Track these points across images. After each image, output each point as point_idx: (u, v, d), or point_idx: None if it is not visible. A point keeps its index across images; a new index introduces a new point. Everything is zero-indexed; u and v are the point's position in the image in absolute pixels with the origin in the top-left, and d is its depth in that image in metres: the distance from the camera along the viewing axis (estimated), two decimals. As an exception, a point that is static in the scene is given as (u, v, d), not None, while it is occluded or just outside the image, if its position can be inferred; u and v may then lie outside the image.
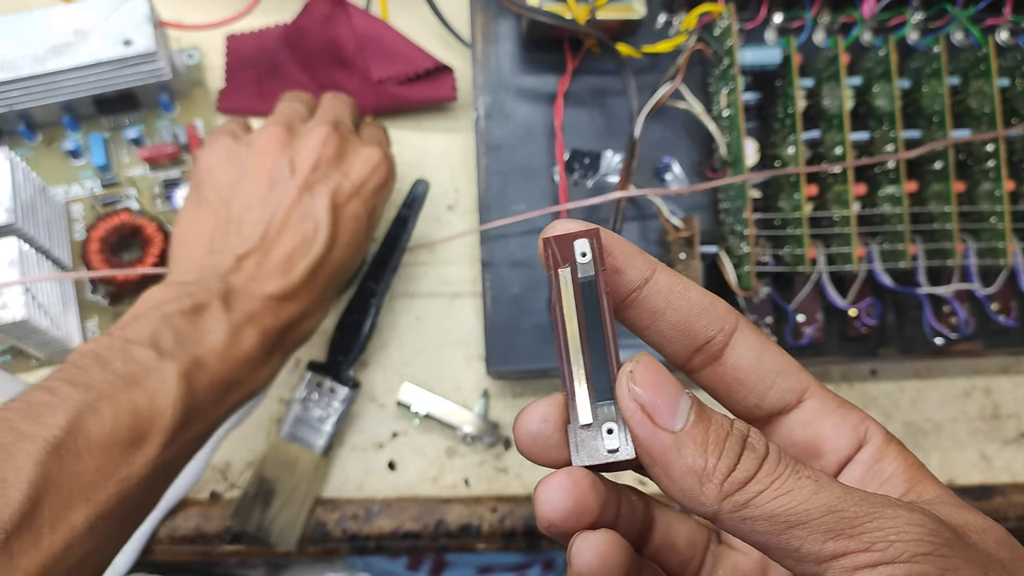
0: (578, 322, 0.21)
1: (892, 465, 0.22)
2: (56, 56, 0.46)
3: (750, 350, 0.23)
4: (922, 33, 0.48)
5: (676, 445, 0.19)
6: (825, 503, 0.19)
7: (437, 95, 0.51)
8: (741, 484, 0.19)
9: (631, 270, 0.22)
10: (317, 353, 0.48)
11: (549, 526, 0.21)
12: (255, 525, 0.45)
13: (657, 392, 0.20)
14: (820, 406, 0.23)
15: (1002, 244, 0.44)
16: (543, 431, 0.22)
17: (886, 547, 0.18)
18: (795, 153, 0.44)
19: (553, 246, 0.22)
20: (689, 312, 0.22)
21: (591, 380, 0.21)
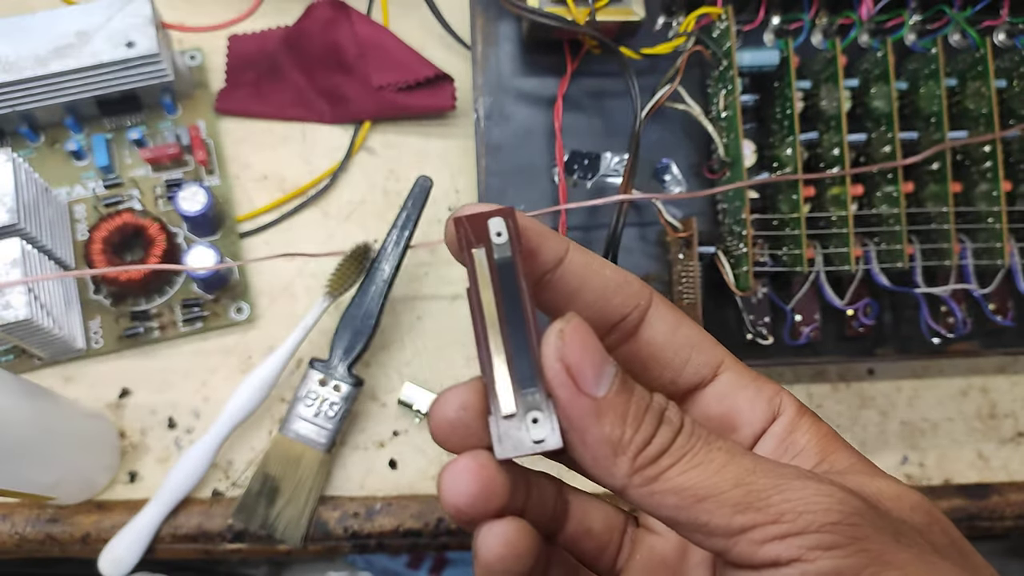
0: (496, 305, 0.20)
1: (805, 437, 0.22)
2: (59, 57, 0.47)
3: (664, 325, 0.23)
4: (919, 35, 0.48)
5: (596, 412, 0.19)
6: (734, 476, 0.18)
7: (436, 104, 0.51)
8: (653, 458, 0.19)
9: (545, 250, 0.21)
10: (320, 352, 0.49)
11: (456, 513, 0.20)
12: (259, 522, 0.45)
13: (584, 354, 0.19)
14: (735, 379, 0.23)
15: (999, 244, 0.44)
16: (462, 419, 0.21)
17: (794, 518, 0.18)
18: (793, 154, 0.44)
19: (466, 227, 0.21)
20: (604, 290, 0.22)
21: (513, 366, 0.20)
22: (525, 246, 0.21)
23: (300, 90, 0.52)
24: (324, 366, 0.47)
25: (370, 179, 0.53)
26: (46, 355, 0.48)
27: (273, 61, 0.52)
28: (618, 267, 0.22)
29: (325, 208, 0.52)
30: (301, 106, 0.53)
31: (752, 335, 0.46)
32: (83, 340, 0.48)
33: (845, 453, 0.22)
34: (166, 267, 0.47)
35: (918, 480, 0.52)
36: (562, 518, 0.24)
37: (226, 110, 0.52)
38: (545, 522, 0.24)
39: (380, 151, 0.53)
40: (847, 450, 0.22)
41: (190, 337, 0.49)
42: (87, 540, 0.46)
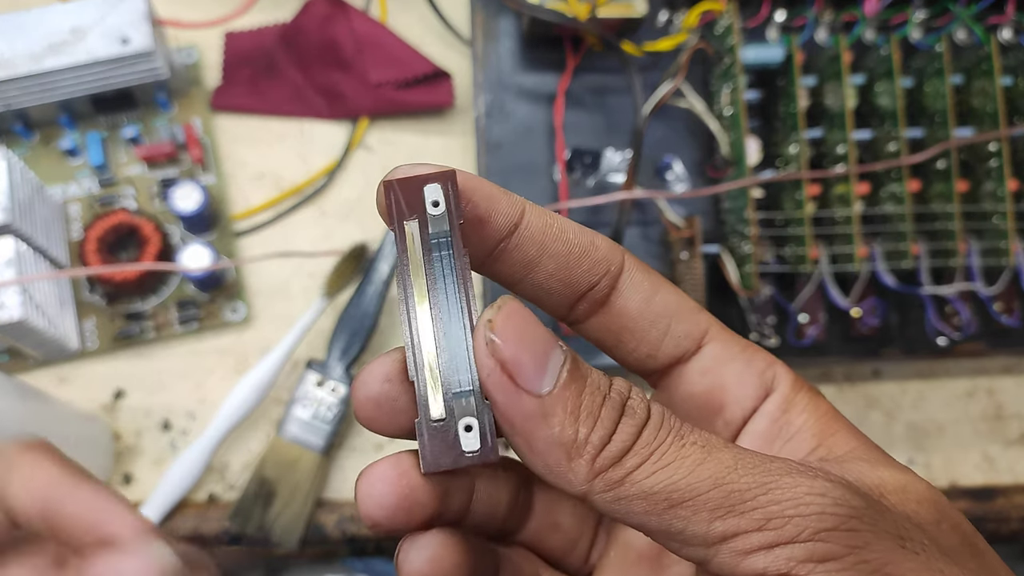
0: (428, 290, 0.17)
1: (801, 417, 0.20)
2: (53, 55, 0.46)
3: (639, 293, 0.20)
4: (925, 31, 0.48)
5: (542, 412, 0.16)
6: (712, 475, 0.16)
7: (434, 101, 0.50)
8: (616, 458, 0.16)
9: (496, 216, 0.18)
10: (317, 352, 0.48)
11: (374, 525, 0.18)
12: (256, 526, 0.45)
13: (522, 346, 0.16)
14: (721, 351, 0.20)
15: (1005, 244, 0.44)
16: (387, 393, 0.18)
17: (783, 524, 0.15)
18: (798, 152, 0.43)
19: (397, 192, 0.17)
20: (568, 256, 0.19)
21: (445, 363, 0.17)
22: (473, 212, 0.18)
23: (297, 87, 0.52)
24: (321, 367, 0.46)
25: (368, 177, 0.52)
26: (40, 356, 0.47)
27: (270, 58, 0.52)
28: (583, 227, 0.20)
29: (322, 207, 0.51)
30: (298, 103, 0.52)
31: (757, 336, 0.45)
32: (77, 340, 0.48)
33: (845, 435, 0.20)
34: (161, 267, 0.46)
35: (923, 482, 0.51)
36: (524, 513, 0.22)
37: (222, 107, 0.52)
38: (499, 520, 0.21)
39: (378, 148, 0.52)
40: (848, 431, 0.20)
41: (185, 338, 0.49)
42: (81, 544, 0.45)
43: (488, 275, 0.19)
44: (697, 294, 0.43)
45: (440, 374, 0.17)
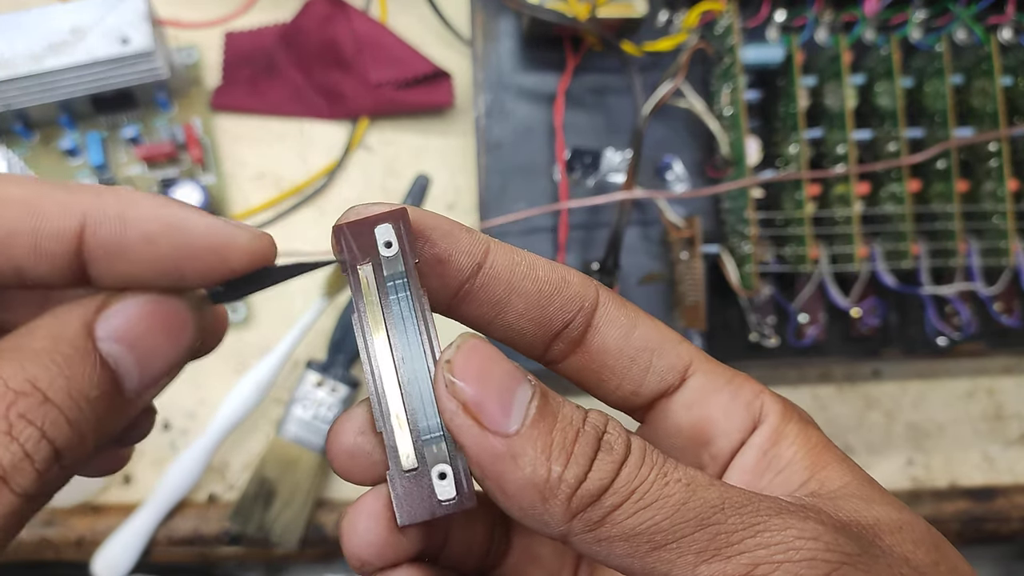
0: (388, 336, 0.17)
1: (791, 449, 0.19)
2: (53, 55, 0.46)
3: (616, 328, 0.19)
4: (925, 31, 0.48)
5: (510, 452, 0.15)
6: (697, 515, 0.15)
7: (434, 100, 0.50)
8: (594, 497, 0.15)
9: (458, 255, 0.17)
10: (317, 352, 0.48)
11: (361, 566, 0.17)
12: (256, 526, 0.45)
13: (484, 385, 0.15)
14: (706, 383, 0.19)
15: (1005, 244, 0.44)
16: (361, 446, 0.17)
17: (771, 571, 0.14)
18: (798, 152, 0.43)
19: (348, 237, 0.17)
20: (538, 295, 0.18)
21: (412, 411, 0.16)
22: (431, 253, 0.17)
23: (297, 87, 0.52)
24: (321, 367, 0.46)
25: (368, 177, 0.52)
26: (39, 356, 0.47)
27: (270, 58, 0.52)
28: (553, 263, 0.19)
29: (322, 207, 0.51)
30: (298, 103, 0.52)
31: (757, 336, 0.45)
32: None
33: (838, 468, 0.19)
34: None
35: (923, 482, 0.51)
36: (502, 548, 0.21)
37: (222, 107, 0.52)
38: (476, 558, 0.20)
39: (378, 148, 0.52)
40: (841, 464, 0.19)
41: (186, 338, 0.49)
42: (81, 543, 0.45)
43: (456, 318, 0.18)
44: (697, 294, 0.43)
45: (407, 422, 0.16)
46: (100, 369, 0.14)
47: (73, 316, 0.15)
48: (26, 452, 0.13)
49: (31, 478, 0.14)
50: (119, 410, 0.15)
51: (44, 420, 0.14)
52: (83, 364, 0.14)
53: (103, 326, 0.15)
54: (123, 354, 0.15)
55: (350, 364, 0.46)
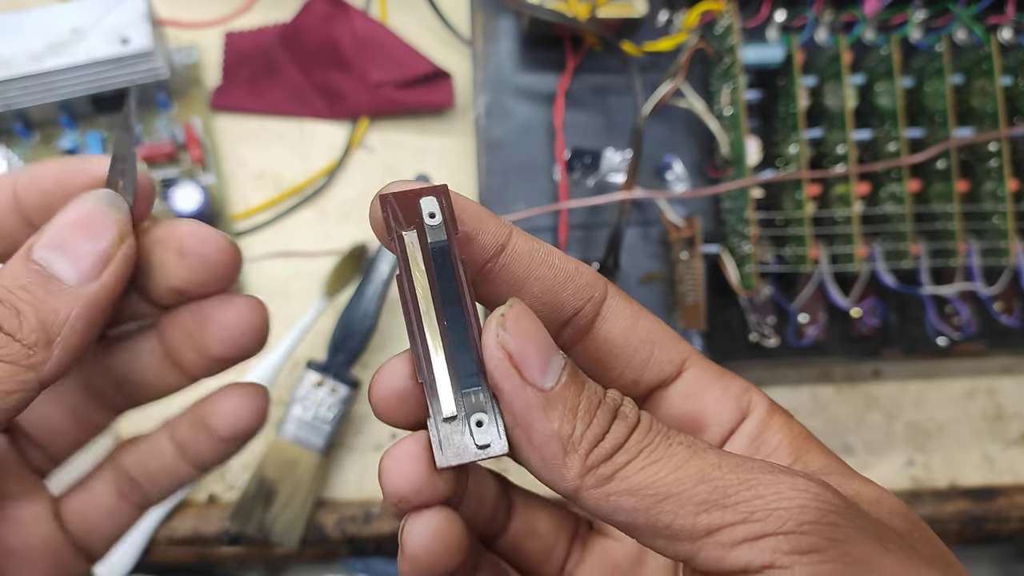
0: (432, 295, 0.18)
1: (776, 436, 0.21)
2: (53, 55, 0.46)
3: (622, 319, 0.21)
4: (925, 31, 0.48)
5: (543, 405, 0.17)
6: (698, 471, 0.17)
7: (434, 100, 0.50)
8: (607, 455, 0.17)
9: (484, 235, 0.19)
10: (316, 352, 0.48)
11: (399, 501, 0.18)
12: (256, 526, 0.45)
13: (528, 342, 0.17)
14: (700, 376, 0.21)
15: (1005, 244, 0.44)
16: (411, 390, 0.19)
17: (766, 516, 0.16)
18: (797, 152, 0.43)
19: (394, 206, 0.18)
20: (553, 280, 0.20)
21: (452, 362, 0.18)
22: (461, 231, 0.19)
23: (297, 87, 0.52)
24: (321, 367, 0.46)
25: (368, 177, 0.52)
26: (39, 356, 0.47)
27: (270, 58, 0.52)
28: (567, 255, 0.20)
29: (322, 207, 0.51)
30: (298, 103, 0.52)
31: (756, 336, 0.45)
32: (77, 341, 0.48)
33: (819, 453, 0.20)
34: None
35: (924, 482, 0.51)
36: (504, 518, 0.23)
37: (222, 107, 0.52)
38: (484, 520, 0.22)
39: (378, 149, 0.52)
40: (820, 450, 0.21)
41: (186, 338, 0.49)
42: (80, 544, 0.45)
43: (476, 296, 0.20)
44: (697, 294, 0.43)
45: (448, 373, 0.18)
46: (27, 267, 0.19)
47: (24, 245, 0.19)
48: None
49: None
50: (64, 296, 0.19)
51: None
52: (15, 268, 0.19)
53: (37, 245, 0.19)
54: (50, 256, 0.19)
55: (350, 364, 0.46)
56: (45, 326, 0.18)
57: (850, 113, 0.43)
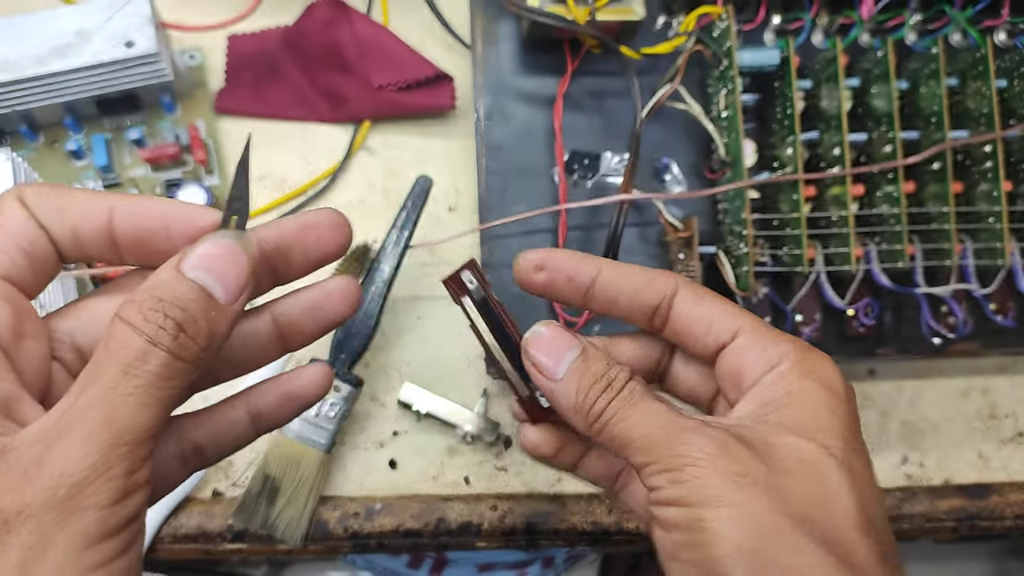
0: (490, 329, 0.29)
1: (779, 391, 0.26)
2: (58, 57, 0.47)
3: (687, 305, 0.28)
4: (920, 34, 0.48)
5: (559, 391, 0.27)
6: (644, 430, 0.25)
7: (436, 103, 0.51)
8: (598, 416, 0.26)
9: (580, 275, 0.28)
10: (320, 351, 0.49)
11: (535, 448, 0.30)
12: (260, 522, 0.45)
13: (545, 353, 0.27)
14: (747, 342, 0.27)
15: (1000, 244, 0.44)
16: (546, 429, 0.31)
17: (669, 460, 0.24)
18: (793, 154, 0.44)
19: (451, 284, 0.29)
20: (635, 292, 0.28)
21: (516, 367, 0.29)
22: (561, 275, 0.28)
23: (300, 90, 0.52)
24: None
25: (370, 179, 0.53)
26: (45, 355, 0.48)
27: (273, 61, 0.52)
28: (645, 269, 0.28)
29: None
30: (301, 106, 0.52)
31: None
32: (82, 340, 0.48)
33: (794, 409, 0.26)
34: (166, 267, 0.47)
35: (919, 480, 0.52)
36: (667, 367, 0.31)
37: (225, 110, 0.52)
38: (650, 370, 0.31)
39: (380, 151, 0.53)
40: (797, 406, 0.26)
41: (190, 337, 0.49)
42: (87, 540, 0.46)
43: (589, 308, 0.29)
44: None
45: (516, 372, 0.29)
46: (190, 285, 0.22)
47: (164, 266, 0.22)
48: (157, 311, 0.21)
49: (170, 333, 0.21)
50: (221, 312, 0.22)
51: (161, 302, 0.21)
52: (179, 285, 0.22)
53: (184, 263, 0.22)
54: (202, 276, 0.22)
55: (353, 363, 0.47)
56: (212, 335, 0.22)
57: (845, 115, 0.43)
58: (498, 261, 0.46)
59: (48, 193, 0.23)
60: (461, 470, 0.49)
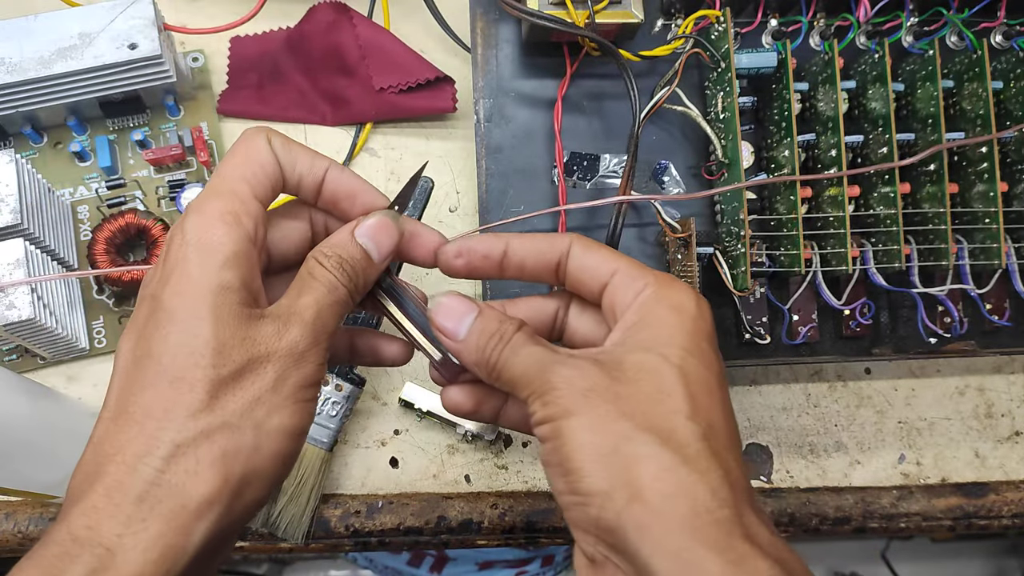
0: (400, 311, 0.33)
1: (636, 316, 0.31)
2: (62, 59, 0.47)
3: (578, 257, 0.32)
4: (916, 37, 0.48)
5: (463, 349, 0.31)
6: (527, 367, 0.30)
7: (437, 106, 0.51)
8: (494, 364, 0.30)
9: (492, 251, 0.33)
10: (320, 352, 0.49)
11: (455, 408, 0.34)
12: (262, 520, 0.46)
13: (447, 318, 0.31)
14: (621, 280, 0.31)
15: (995, 245, 0.45)
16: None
17: (540, 388, 0.29)
18: (790, 156, 0.44)
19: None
20: (539, 254, 0.33)
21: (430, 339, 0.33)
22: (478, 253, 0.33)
23: (302, 92, 0.52)
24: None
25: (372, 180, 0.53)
26: (49, 355, 0.48)
27: (275, 63, 0.53)
28: (546, 234, 0.33)
29: (326, 209, 0.52)
30: (303, 108, 0.53)
31: (750, 334, 0.46)
32: (86, 340, 0.49)
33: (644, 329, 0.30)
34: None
35: (915, 479, 0.52)
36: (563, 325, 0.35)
37: (228, 112, 0.53)
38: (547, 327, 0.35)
39: (381, 152, 0.53)
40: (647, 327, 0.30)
41: (192, 337, 0.50)
42: (90, 538, 0.46)
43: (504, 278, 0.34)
44: (692, 294, 0.44)
45: (430, 342, 0.33)
46: (358, 247, 0.31)
47: (344, 230, 0.32)
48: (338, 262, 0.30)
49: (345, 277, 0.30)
50: (373, 267, 0.32)
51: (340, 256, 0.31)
52: (352, 246, 0.31)
53: (358, 231, 0.31)
54: (367, 241, 0.31)
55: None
56: (366, 282, 0.32)
57: (842, 117, 0.44)
58: (498, 261, 0.46)
59: (286, 142, 0.31)
60: (461, 468, 0.50)
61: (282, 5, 0.54)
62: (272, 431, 0.28)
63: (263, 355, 0.28)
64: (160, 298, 0.27)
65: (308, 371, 0.29)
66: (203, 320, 0.27)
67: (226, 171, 0.30)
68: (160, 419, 0.26)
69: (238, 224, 0.28)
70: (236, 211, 0.29)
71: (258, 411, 0.27)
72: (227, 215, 0.28)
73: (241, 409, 0.27)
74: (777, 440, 0.51)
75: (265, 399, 0.27)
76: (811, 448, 0.51)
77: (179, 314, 0.27)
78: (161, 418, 0.26)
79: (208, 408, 0.26)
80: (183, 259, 0.28)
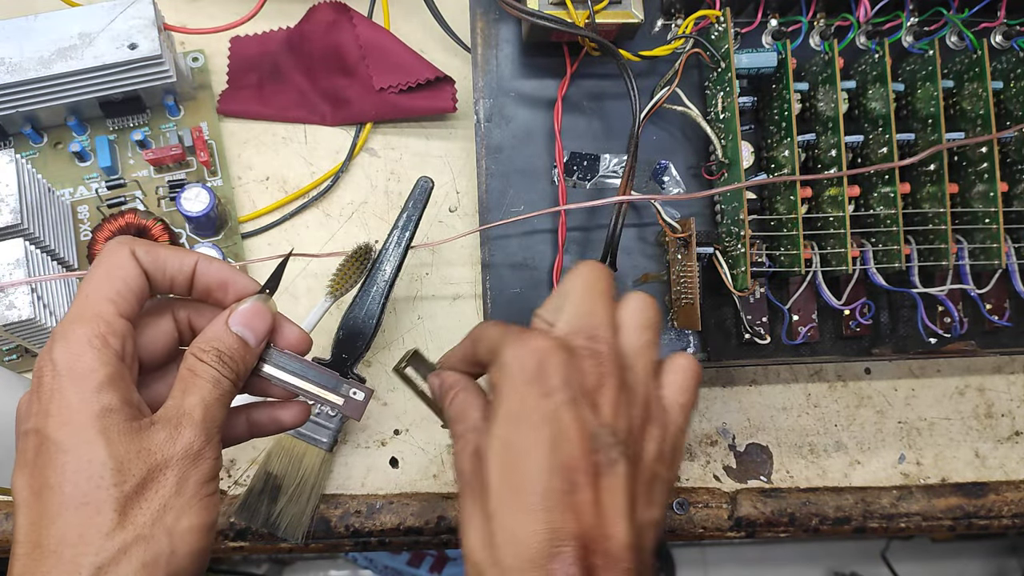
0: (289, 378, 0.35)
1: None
2: (62, 59, 0.47)
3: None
4: (917, 37, 0.49)
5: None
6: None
7: (437, 106, 0.51)
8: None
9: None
10: (322, 352, 0.49)
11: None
12: (262, 520, 0.46)
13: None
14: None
15: (995, 245, 0.45)
16: None
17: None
18: (790, 156, 0.44)
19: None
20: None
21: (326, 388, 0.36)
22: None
23: (302, 92, 0.52)
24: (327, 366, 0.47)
25: (371, 180, 0.53)
26: (50, 355, 0.48)
27: (275, 63, 0.53)
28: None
29: (327, 209, 0.52)
30: (303, 108, 0.53)
31: (750, 334, 0.46)
32: (86, 340, 0.48)
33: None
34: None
35: (916, 479, 0.52)
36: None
37: (228, 112, 0.53)
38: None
39: (381, 152, 0.53)
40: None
41: (192, 337, 0.50)
42: (91, 538, 0.46)
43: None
44: (692, 294, 0.44)
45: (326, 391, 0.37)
46: (235, 337, 0.32)
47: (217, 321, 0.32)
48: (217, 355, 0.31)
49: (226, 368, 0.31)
50: (251, 353, 0.32)
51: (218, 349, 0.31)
52: (228, 336, 0.32)
53: (231, 321, 0.32)
54: (241, 329, 0.32)
55: (355, 363, 0.47)
56: (247, 368, 0.32)
57: (842, 117, 0.44)
58: (498, 262, 0.46)
59: (151, 248, 0.32)
60: (461, 469, 0.50)
61: (282, 5, 0.54)
62: (184, 532, 0.28)
63: (161, 463, 0.28)
64: (45, 431, 0.28)
65: (206, 467, 0.29)
66: (95, 444, 0.27)
67: (89, 290, 0.30)
68: (76, 545, 0.27)
69: (106, 347, 0.29)
70: (103, 333, 0.29)
71: (167, 517, 0.28)
72: (94, 339, 0.28)
73: (151, 519, 0.28)
74: (777, 440, 0.51)
75: (171, 504, 0.28)
76: (811, 448, 0.51)
77: (69, 443, 0.27)
78: (77, 544, 0.27)
79: (120, 525, 0.27)
80: (59, 390, 0.28)
